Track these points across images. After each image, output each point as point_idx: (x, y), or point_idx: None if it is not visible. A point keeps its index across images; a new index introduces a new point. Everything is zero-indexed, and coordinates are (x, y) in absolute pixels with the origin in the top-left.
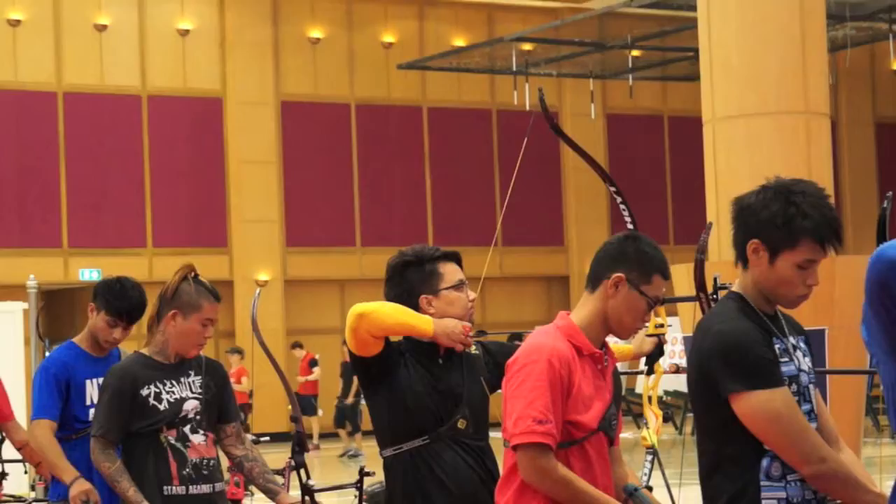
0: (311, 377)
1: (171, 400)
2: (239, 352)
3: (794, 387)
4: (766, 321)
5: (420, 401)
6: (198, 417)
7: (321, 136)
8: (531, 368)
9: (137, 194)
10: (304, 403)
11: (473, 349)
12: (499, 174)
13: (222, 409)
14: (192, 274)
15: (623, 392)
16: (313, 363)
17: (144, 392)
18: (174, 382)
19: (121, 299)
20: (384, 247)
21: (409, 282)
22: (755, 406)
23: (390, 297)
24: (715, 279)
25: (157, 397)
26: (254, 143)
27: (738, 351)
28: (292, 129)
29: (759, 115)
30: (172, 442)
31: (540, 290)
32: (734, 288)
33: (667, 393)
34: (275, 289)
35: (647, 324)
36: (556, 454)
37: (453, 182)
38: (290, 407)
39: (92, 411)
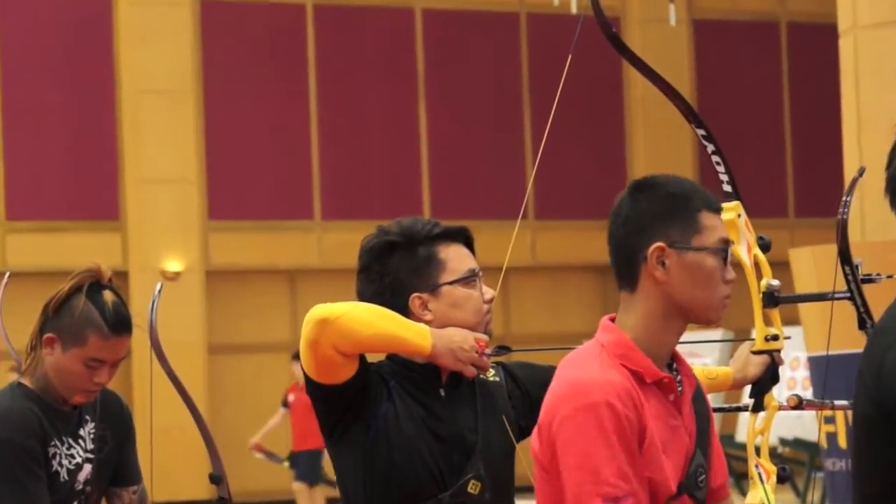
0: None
1: (70, 467)
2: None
3: None
4: None
5: (412, 452)
6: (88, 489)
7: (261, 52)
8: (583, 418)
9: None
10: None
11: (492, 374)
12: (530, 110)
13: (121, 467)
14: (93, 283)
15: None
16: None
17: (50, 452)
18: (72, 441)
19: None
20: (356, 220)
21: (394, 273)
22: None
23: (366, 297)
24: (856, 268)
25: (59, 462)
26: (159, 64)
27: None
28: (217, 43)
29: None
30: None
31: (590, 285)
32: None
33: (783, 442)
34: (191, 283)
35: (731, 281)
36: None
37: (461, 123)
38: (260, 457)
39: None
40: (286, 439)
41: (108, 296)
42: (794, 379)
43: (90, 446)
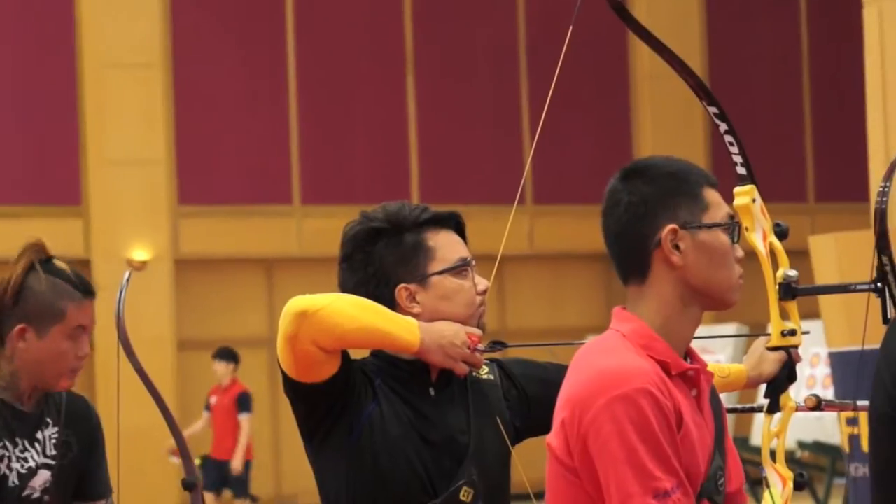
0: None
1: (22, 471)
2: (229, 357)
3: None
4: None
5: (399, 456)
6: (46, 498)
7: (236, 23)
8: (622, 409)
9: None
10: (229, 476)
11: (485, 372)
12: (527, 86)
13: (85, 478)
14: (42, 257)
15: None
16: (245, 402)
17: None
18: (27, 444)
19: None
20: (338, 205)
21: (378, 262)
22: None
23: (349, 288)
24: (888, 257)
25: (9, 465)
26: (125, 36)
27: None
28: (188, 13)
29: None
30: None
31: (593, 276)
32: None
33: (802, 445)
34: (159, 273)
35: (741, 259)
36: None
37: (453, 99)
38: (176, 462)
39: None
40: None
41: (60, 264)
42: (814, 377)
43: (50, 452)
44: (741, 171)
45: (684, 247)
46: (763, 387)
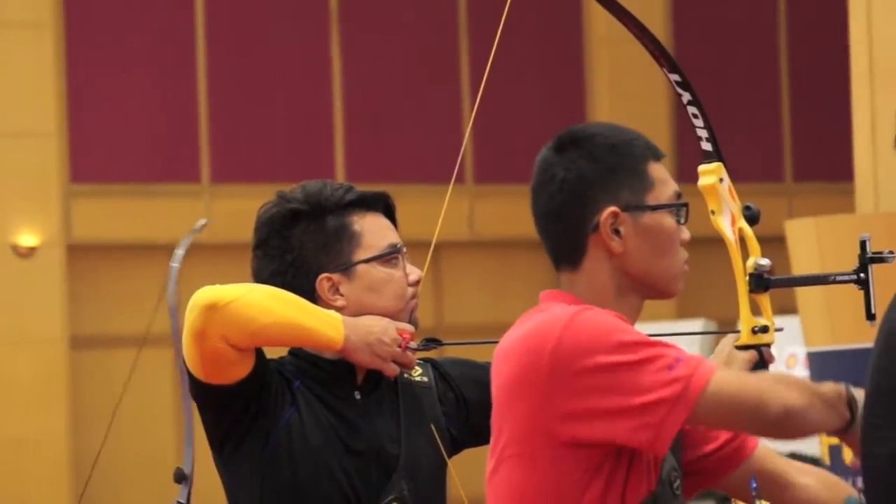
0: None
1: None
2: None
3: None
4: None
5: (321, 468)
6: None
7: None
8: (569, 336)
9: None
10: None
11: (418, 373)
12: (467, 50)
13: None
14: None
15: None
16: None
17: None
18: None
19: None
20: (252, 184)
21: (297, 249)
22: None
23: (264, 277)
24: (863, 245)
25: None
26: None
27: None
28: None
29: None
30: None
31: (542, 265)
32: None
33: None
34: (49, 261)
35: (687, 241)
36: None
37: (383, 63)
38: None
39: None
40: None
41: None
42: None
43: None
44: (706, 146)
45: (625, 232)
46: None
